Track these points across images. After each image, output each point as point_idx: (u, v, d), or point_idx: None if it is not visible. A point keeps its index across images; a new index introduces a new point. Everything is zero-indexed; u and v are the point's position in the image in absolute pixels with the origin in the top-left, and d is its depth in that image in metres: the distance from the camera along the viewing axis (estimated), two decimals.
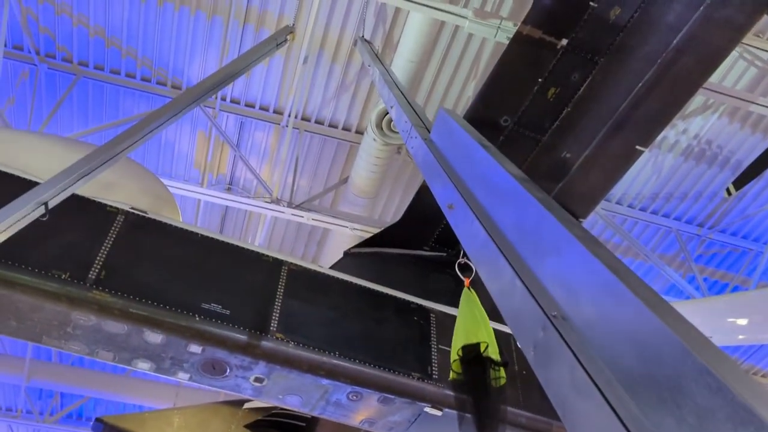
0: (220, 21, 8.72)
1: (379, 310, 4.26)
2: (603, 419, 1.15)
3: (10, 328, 3.48)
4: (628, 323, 1.22)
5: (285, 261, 4.17)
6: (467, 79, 9.16)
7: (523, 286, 1.56)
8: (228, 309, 3.70)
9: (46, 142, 4.54)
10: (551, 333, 1.39)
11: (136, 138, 3.53)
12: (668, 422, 1.04)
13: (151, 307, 3.52)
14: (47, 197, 2.90)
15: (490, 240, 1.80)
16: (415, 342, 4.19)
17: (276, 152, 10.13)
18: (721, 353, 1.04)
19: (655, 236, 11.15)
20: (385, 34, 8.74)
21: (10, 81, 9.33)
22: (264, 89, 9.52)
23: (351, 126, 9.94)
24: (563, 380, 1.30)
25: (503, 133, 4.30)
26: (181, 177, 10.40)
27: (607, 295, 1.30)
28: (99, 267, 3.52)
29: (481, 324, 3.54)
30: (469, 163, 2.32)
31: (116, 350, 3.62)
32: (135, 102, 9.63)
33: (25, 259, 3.35)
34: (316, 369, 3.81)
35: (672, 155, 9.98)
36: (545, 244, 1.58)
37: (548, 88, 4.10)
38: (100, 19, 8.75)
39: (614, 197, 10.59)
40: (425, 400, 3.98)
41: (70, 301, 3.39)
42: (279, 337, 3.74)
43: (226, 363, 3.71)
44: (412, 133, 3.22)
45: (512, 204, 1.80)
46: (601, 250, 1.41)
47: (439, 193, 2.48)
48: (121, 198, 3.95)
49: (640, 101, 4.07)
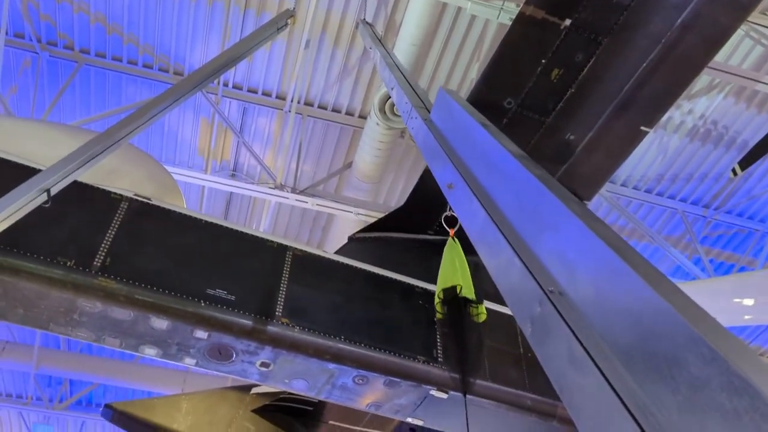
0: (221, 6, 8.66)
1: (384, 294, 4.27)
2: (599, 392, 1.16)
3: (18, 316, 3.51)
4: (624, 296, 1.22)
5: (289, 246, 4.17)
6: (470, 61, 9.10)
7: (520, 262, 1.56)
8: (233, 295, 3.72)
9: (48, 129, 4.53)
10: (548, 308, 1.39)
11: (137, 124, 3.52)
12: (664, 393, 1.05)
13: (157, 294, 3.54)
14: (49, 184, 2.90)
15: (488, 219, 1.80)
16: (420, 325, 4.20)
17: (279, 138, 10.11)
18: (715, 323, 1.03)
19: (661, 218, 11.11)
20: (387, 17, 8.67)
21: (12, 69, 9.31)
22: (266, 74, 9.48)
23: (354, 110, 9.90)
24: (560, 355, 1.31)
25: (507, 115, 4.27)
26: (185, 164, 10.41)
27: (603, 269, 1.30)
28: (104, 254, 3.53)
29: (458, 270, 3.79)
30: (469, 143, 2.31)
31: (123, 336, 3.65)
32: (137, 89, 9.60)
33: (30, 246, 3.37)
34: (321, 353, 3.83)
35: (677, 136, 9.92)
36: (543, 220, 1.58)
37: (552, 69, 4.07)
38: (101, 5, 8.71)
39: (619, 179, 10.54)
40: (431, 383, 4.00)
41: (75, 288, 3.41)
42: (284, 322, 3.76)
43: (232, 348, 3.73)
44: (413, 114, 3.21)
45: (511, 182, 1.80)
46: (598, 225, 1.41)
47: (439, 173, 2.48)
48: (125, 185, 3.96)
49: (645, 81, 4.03)
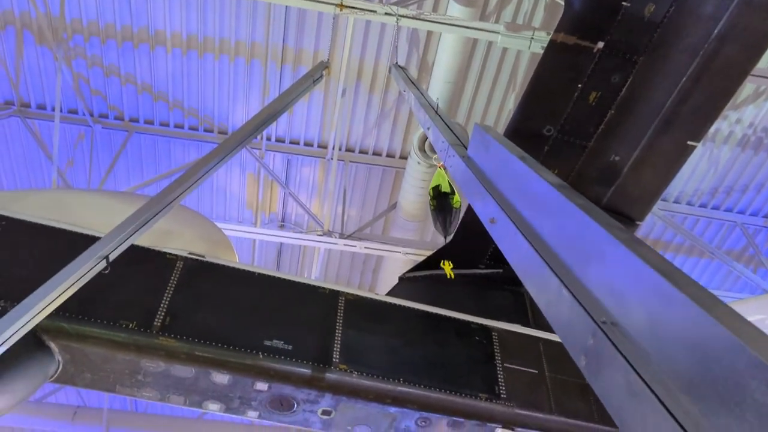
0: (259, 64, 8.98)
1: (439, 333, 4.22)
2: (661, 424, 1.11)
3: (86, 380, 3.61)
4: (678, 322, 1.17)
5: (341, 291, 4.19)
6: (506, 93, 9.13)
7: (569, 294, 1.53)
8: (290, 344, 3.74)
9: (105, 197, 4.73)
10: (601, 340, 1.35)
11: (187, 185, 3.64)
12: (728, 422, 1.00)
13: (216, 349, 3.59)
14: (108, 250, 3.01)
15: (533, 251, 1.77)
16: (479, 362, 4.12)
17: (324, 185, 10.28)
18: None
19: (719, 232, 10.72)
20: (420, 58, 8.82)
21: (69, 143, 9.82)
22: (307, 125, 9.72)
23: (394, 152, 10.01)
24: (617, 387, 1.26)
25: (547, 143, 4.25)
26: (234, 219, 10.66)
27: (655, 297, 1.26)
28: (163, 313, 3.62)
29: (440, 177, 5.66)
30: (507, 176, 2.30)
31: (186, 393, 3.70)
32: (185, 151, 9.97)
33: (94, 311, 3.48)
34: (382, 397, 3.79)
35: (727, 147, 9.63)
36: (589, 250, 1.55)
37: (589, 93, 4.04)
38: (146, 76, 9.15)
39: (671, 196, 10.26)
40: (495, 421, 3.90)
41: (138, 349, 3.49)
42: (342, 368, 3.75)
43: (293, 398, 3.74)
44: (450, 152, 3.22)
45: (553, 213, 1.77)
46: (645, 251, 1.37)
47: (480, 208, 2.47)
48: (179, 245, 4.07)
49: (686, 95, 3.96)
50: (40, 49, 8.88)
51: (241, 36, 8.71)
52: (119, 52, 8.90)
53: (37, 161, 10.00)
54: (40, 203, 4.09)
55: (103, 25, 8.66)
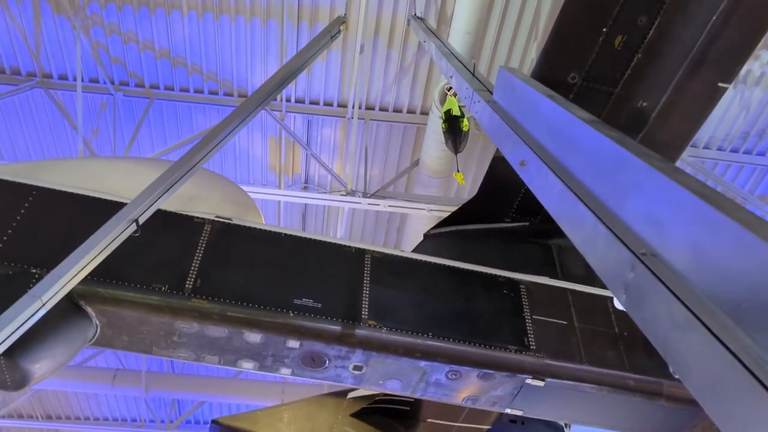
0: (275, 24, 8.87)
1: (467, 287, 4.24)
2: (709, 351, 1.10)
3: (123, 343, 3.72)
4: (725, 247, 1.14)
5: (367, 249, 4.21)
6: (528, 41, 8.90)
7: (606, 229, 1.50)
8: (319, 302, 3.79)
9: (130, 164, 4.78)
10: (642, 271, 1.33)
11: (209, 148, 3.66)
12: None
13: (247, 309, 3.65)
14: (137, 214, 3.06)
15: (566, 189, 1.74)
16: (507, 315, 4.14)
17: (345, 145, 10.24)
18: None
19: (752, 177, 10.47)
20: (438, 9, 8.62)
21: (92, 113, 9.88)
22: (326, 85, 9.63)
23: (415, 108, 9.89)
24: (661, 318, 1.24)
25: (572, 90, 4.15)
26: (259, 182, 10.71)
27: (698, 222, 1.23)
28: (194, 276, 3.69)
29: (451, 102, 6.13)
30: (536, 116, 2.26)
31: (220, 353, 3.79)
32: (206, 116, 9.98)
33: (127, 276, 3.56)
34: (411, 352, 3.84)
35: (759, 88, 9.32)
36: (625, 181, 1.51)
37: (614, 37, 3.92)
38: (164, 41, 9.11)
39: (701, 142, 10.01)
40: (525, 372, 3.93)
41: (172, 311, 3.58)
42: (371, 324, 3.80)
43: (324, 354, 3.81)
44: (475, 97, 3.16)
45: (585, 148, 1.74)
46: (685, 178, 1.33)
47: (509, 152, 2.43)
48: (206, 209, 4.12)
49: (717, 35, 3.81)
50: (58, 18, 8.88)
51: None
52: (136, 18, 8.85)
53: (62, 131, 10.11)
54: (67, 172, 4.15)
55: None
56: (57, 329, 3.27)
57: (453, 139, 5.96)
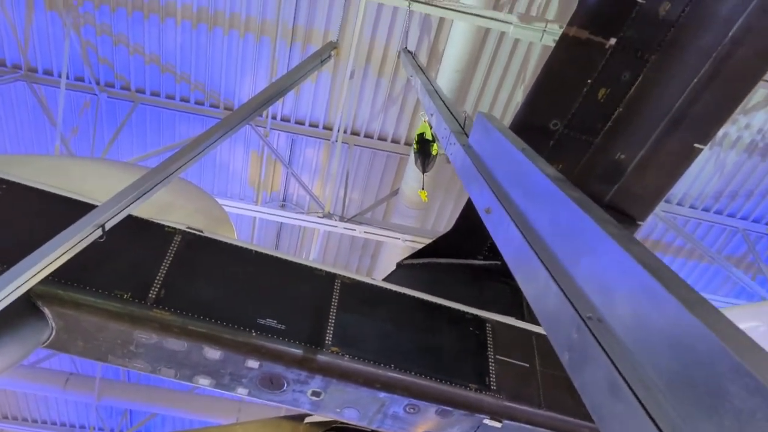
0: (268, 41, 8.92)
1: (433, 321, 4.22)
2: (638, 425, 1.10)
3: (78, 348, 3.62)
4: (664, 322, 1.15)
5: (338, 274, 4.18)
6: (515, 84, 9.06)
7: (557, 287, 1.51)
8: (284, 324, 3.74)
9: (106, 167, 4.72)
10: (585, 335, 1.33)
11: (188, 158, 3.62)
12: (706, 426, 0.99)
13: (210, 324, 3.59)
14: (104, 219, 3.00)
15: (525, 242, 1.76)
16: (471, 352, 4.12)
17: (327, 167, 10.25)
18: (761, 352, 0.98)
19: (721, 237, 10.69)
20: (430, 45, 8.75)
21: (74, 111, 9.78)
22: (313, 106, 9.67)
23: (400, 138, 9.97)
24: (598, 384, 1.25)
25: (554, 137, 4.22)
26: (236, 196, 10.65)
27: (641, 293, 1.24)
28: (159, 286, 3.62)
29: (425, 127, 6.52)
30: (506, 166, 2.28)
31: (177, 367, 3.71)
32: (190, 125, 9.93)
33: (89, 280, 3.48)
34: (372, 382, 3.80)
35: (734, 152, 9.58)
36: (580, 244, 1.53)
37: (598, 89, 4.01)
38: (155, 47, 9.09)
39: (675, 198, 10.22)
40: (484, 412, 3.91)
41: (132, 320, 3.50)
42: (334, 351, 3.75)
43: (283, 377, 3.75)
44: (451, 139, 3.19)
45: (548, 205, 1.76)
46: (636, 248, 1.35)
47: (477, 197, 2.45)
48: (178, 218, 4.06)
49: (696, 97, 3.92)
50: (50, 14, 8.82)
51: (252, 12, 8.64)
52: (129, 22, 8.84)
53: (41, 127, 9.97)
54: (41, 169, 4.08)
55: None
56: (10, 328, 3.18)
57: (422, 159, 6.53)
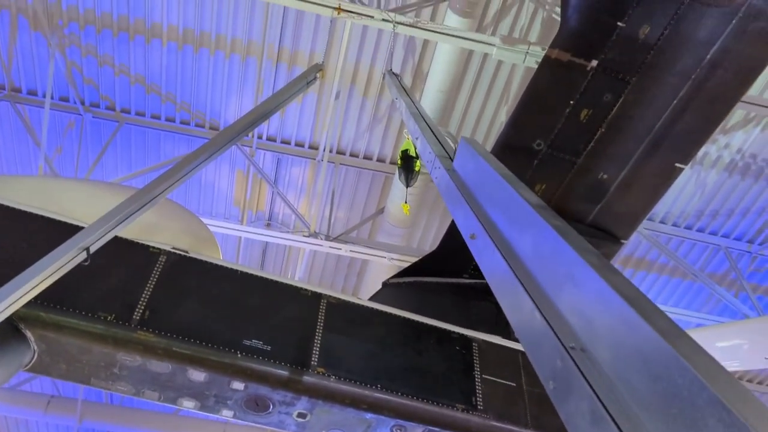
0: (254, 62, 8.96)
1: (420, 340, 4.22)
2: None
3: (60, 371, 3.57)
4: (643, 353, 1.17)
5: (324, 294, 4.17)
6: (499, 105, 9.17)
7: (541, 317, 1.51)
8: (269, 345, 3.72)
9: (91, 187, 4.69)
10: (569, 365, 1.34)
11: (174, 179, 3.61)
12: None
13: (194, 346, 3.56)
14: (89, 242, 2.98)
15: (509, 270, 1.76)
16: (458, 372, 4.12)
17: (312, 186, 10.26)
18: (736, 384, 0.99)
19: (703, 255, 10.82)
20: (415, 66, 8.84)
21: (58, 131, 9.73)
22: (299, 126, 9.70)
23: (385, 157, 10.02)
24: (581, 415, 1.25)
25: (537, 157, 4.27)
26: (221, 215, 10.61)
27: (621, 324, 1.26)
28: (143, 307, 3.59)
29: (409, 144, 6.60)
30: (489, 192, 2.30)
31: (161, 390, 3.67)
32: (175, 145, 9.91)
33: (72, 302, 3.44)
34: (358, 403, 3.77)
35: (715, 171, 9.74)
36: (562, 272, 1.54)
37: (581, 110, 4.07)
38: (140, 67, 9.09)
39: (657, 216, 10.35)
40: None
41: (115, 342, 3.46)
42: (320, 372, 3.73)
43: (268, 399, 3.72)
44: (436, 163, 3.22)
45: (530, 232, 1.77)
46: (615, 278, 1.36)
47: (462, 222, 2.46)
48: (163, 239, 4.04)
49: (677, 118, 4.00)
50: (34, 35, 8.81)
51: (238, 33, 8.69)
52: (114, 43, 8.85)
53: (25, 147, 9.90)
54: (25, 189, 4.04)
55: (100, 14, 8.60)
56: None
57: (405, 175, 6.79)
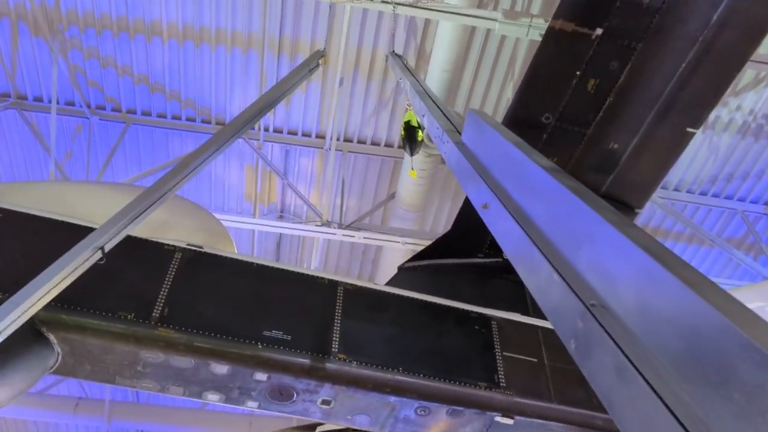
0: (256, 55, 8.93)
1: (439, 322, 4.22)
2: (648, 406, 1.11)
3: (85, 372, 3.61)
4: (667, 303, 1.16)
5: (340, 282, 4.18)
6: (504, 81, 9.08)
7: (559, 278, 1.52)
8: (289, 334, 3.74)
9: (102, 189, 4.72)
10: (590, 323, 1.34)
11: (182, 175, 3.62)
12: (716, 403, 0.99)
13: (215, 339, 3.59)
14: (103, 241, 3.00)
15: (524, 235, 1.76)
16: (478, 351, 4.12)
17: (322, 176, 10.26)
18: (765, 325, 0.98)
19: (720, 220, 10.71)
20: (417, 46, 8.77)
21: (66, 135, 9.78)
22: (304, 116, 9.68)
23: (393, 142, 9.98)
24: (606, 370, 1.25)
25: (546, 130, 4.23)
26: (233, 210, 10.65)
27: (644, 278, 1.25)
28: (162, 304, 3.62)
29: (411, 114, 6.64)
30: (500, 161, 2.29)
31: (186, 384, 3.70)
32: (183, 142, 9.94)
33: (92, 303, 3.48)
34: (381, 387, 3.79)
35: (727, 134, 9.60)
36: (579, 232, 1.53)
37: (587, 80, 4.02)
38: (143, 67, 9.10)
39: (671, 184, 10.24)
40: (495, 410, 3.90)
41: (137, 340, 3.49)
42: (341, 358, 3.75)
43: (292, 388, 3.74)
44: (444, 138, 3.20)
45: (544, 196, 1.76)
46: (635, 232, 1.36)
47: (473, 194, 2.45)
48: (177, 236, 4.06)
49: (686, 82, 3.93)
50: (35, 40, 8.83)
51: (238, 26, 8.66)
52: (115, 43, 8.85)
53: (35, 153, 9.97)
54: (37, 195, 4.07)
55: (99, 16, 8.60)
56: (16, 356, 3.17)
57: (409, 144, 7.03)
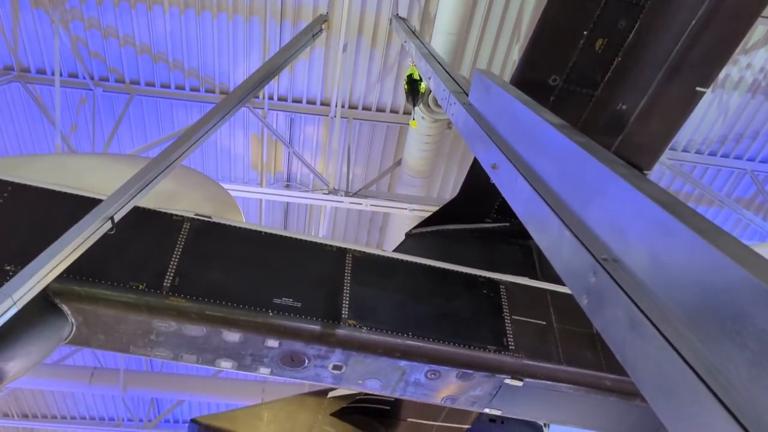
0: (258, 21, 8.82)
1: (447, 287, 4.25)
2: (663, 356, 1.11)
3: (99, 341, 3.67)
4: (680, 253, 1.16)
5: (348, 249, 4.20)
6: (510, 43, 8.94)
7: (571, 234, 1.52)
8: (299, 301, 3.77)
9: (108, 161, 4.72)
10: (602, 276, 1.35)
11: (188, 145, 3.62)
12: (730, 350, 0.99)
13: (226, 308, 3.63)
14: (112, 211, 3.01)
15: (534, 193, 1.76)
16: (487, 315, 4.15)
17: (328, 143, 10.21)
18: None
19: (729, 180, 10.63)
20: (421, 9, 8.63)
21: (71, 108, 9.75)
22: (308, 83, 9.60)
23: (398, 108, 9.90)
24: (619, 323, 1.26)
25: (553, 92, 4.17)
26: (240, 180, 10.65)
27: (656, 229, 1.25)
28: (172, 274, 3.65)
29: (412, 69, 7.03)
30: (509, 120, 2.27)
31: (199, 352, 3.76)
32: (188, 112, 9.89)
33: (104, 274, 3.51)
34: (391, 351, 3.84)
35: (737, 93, 9.46)
36: (590, 187, 1.53)
37: (595, 40, 3.95)
38: (145, 36, 9.01)
39: (680, 145, 10.14)
40: (504, 372, 3.95)
41: (149, 309, 3.53)
42: (351, 324, 3.79)
43: (303, 354, 3.79)
44: (451, 99, 3.16)
45: (554, 153, 1.75)
46: (646, 185, 1.35)
47: (482, 154, 2.44)
48: (185, 206, 4.08)
49: (695, 40, 3.85)
50: (36, 12, 8.75)
51: None
52: (116, 13, 8.75)
53: (40, 126, 9.96)
54: (44, 168, 4.08)
55: None
56: (31, 327, 3.22)
57: (412, 97, 7.38)
